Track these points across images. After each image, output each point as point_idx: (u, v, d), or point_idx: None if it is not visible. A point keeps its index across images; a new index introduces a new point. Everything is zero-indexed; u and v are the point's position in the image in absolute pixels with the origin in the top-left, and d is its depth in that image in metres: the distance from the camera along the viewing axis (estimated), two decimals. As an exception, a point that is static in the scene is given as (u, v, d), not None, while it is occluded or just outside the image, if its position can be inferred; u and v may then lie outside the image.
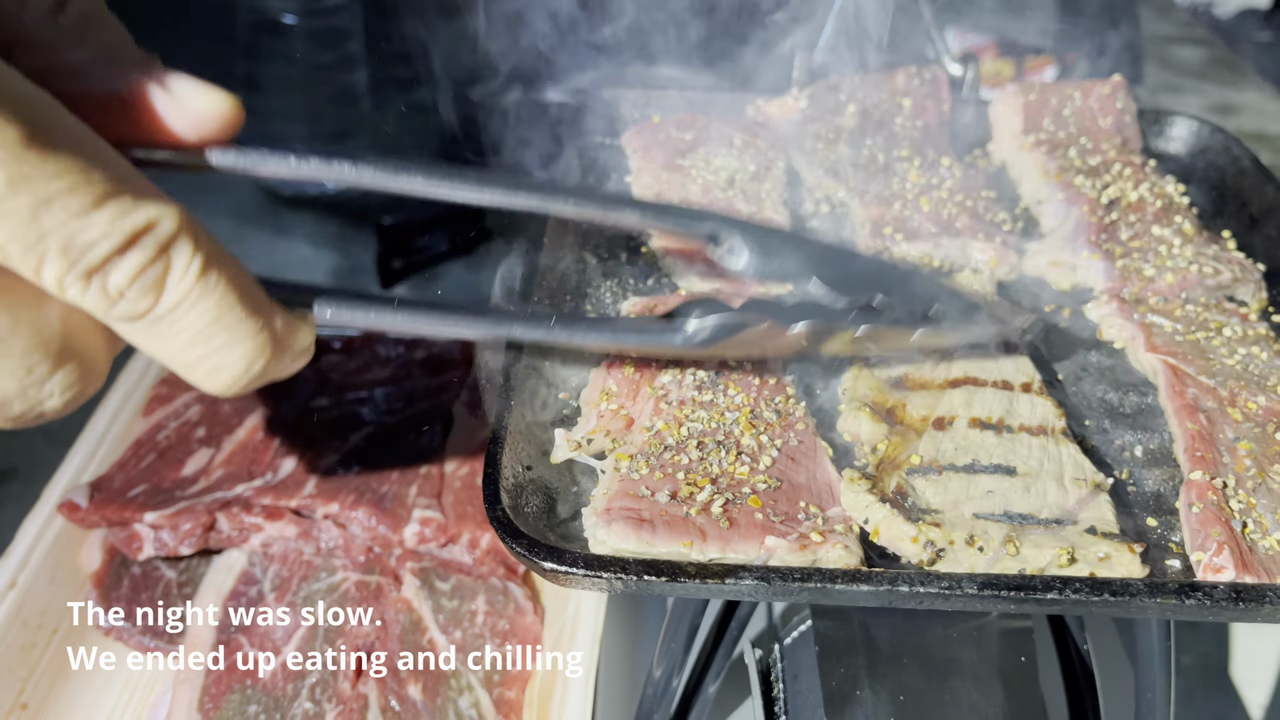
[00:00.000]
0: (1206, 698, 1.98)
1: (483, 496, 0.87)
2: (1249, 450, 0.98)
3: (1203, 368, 1.08)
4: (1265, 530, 0.91)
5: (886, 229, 1.25)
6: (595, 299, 1.19)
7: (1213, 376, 1.07)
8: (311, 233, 2.99)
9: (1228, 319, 1.16)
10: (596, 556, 0.84)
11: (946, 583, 0.82)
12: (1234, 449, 0.99)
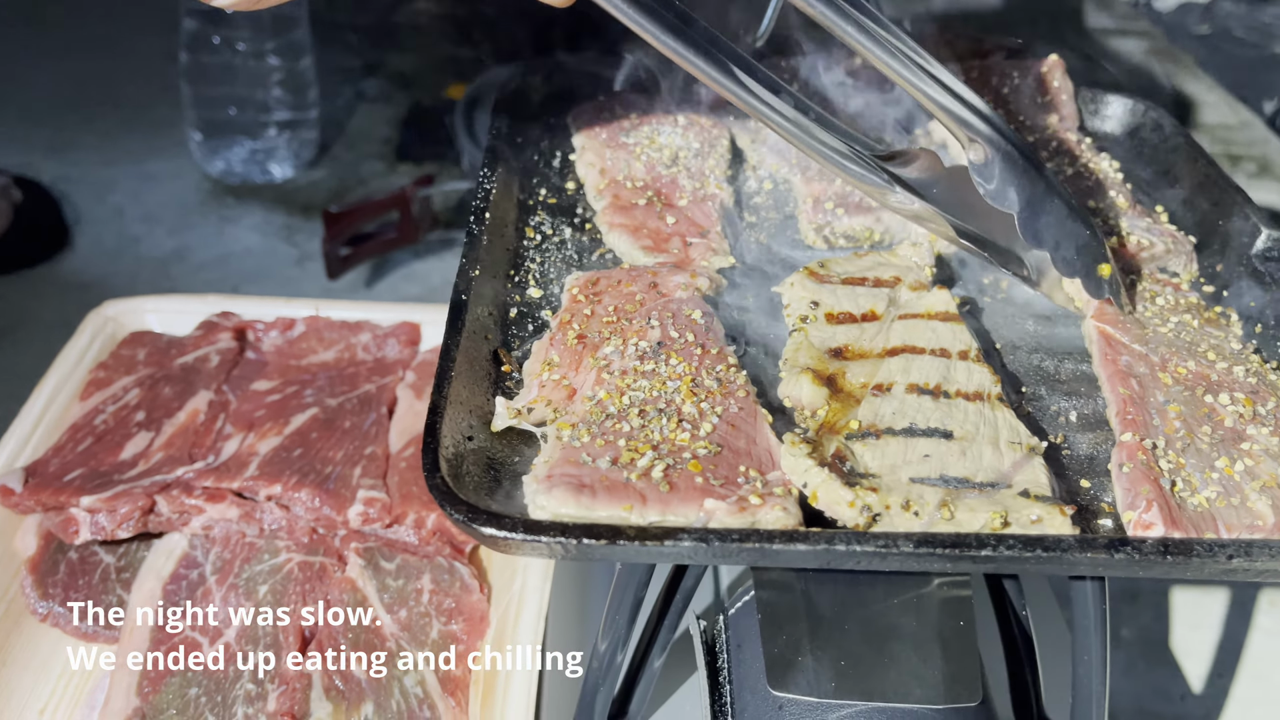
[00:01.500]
0: (1147, 670, 2.02)
1: (422, 465, 0.87)
2: (1178, 413, 1.01)
3: (1137, 335, 1.10)
4: (1194, 488, 0.93)
5: (828, 204, 1.26)
6: (537, 274, 1.19)
7: (1146, 344, 1.09)
8: (259, 222, 2.96)
9: (1161, 289, 1.18)
10: (536, 521, 0.84)
11: (883, 541, 0.83)
12: (1164, 412, 1.01)
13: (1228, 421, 1.00)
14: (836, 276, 1.15)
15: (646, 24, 0.93)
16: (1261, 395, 1.04)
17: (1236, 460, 0.96)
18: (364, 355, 1.61)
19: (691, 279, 1.14)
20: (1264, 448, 0.97)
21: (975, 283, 1.22)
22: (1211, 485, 0.94)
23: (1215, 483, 0.94)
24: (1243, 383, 1.05)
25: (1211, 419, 1.00)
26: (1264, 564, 0.84)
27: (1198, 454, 0.97)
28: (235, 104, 3.03)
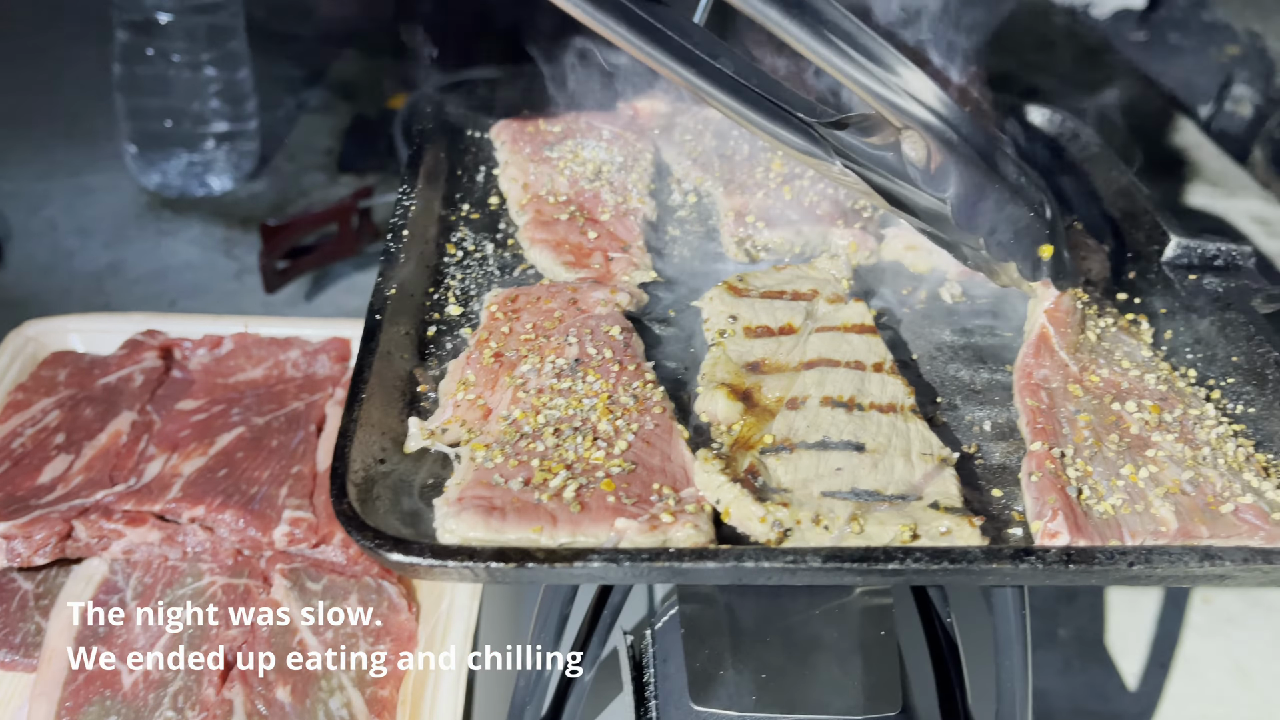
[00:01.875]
0: (1082, 669, 2.05)
1: (329, 491, 0.86)
2: (1088, 421, 1.02)
3: (1071, 341, 1.11)
4: (1100, 496, 0.95)
5: (749, 217, 1.27)
6: (458, 291, 1.18)
7: (1074, 351, 1.10)
8: (197, 235, 2.92)
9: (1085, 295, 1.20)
10: (444, 546, 0.84)
11: (791, 557, 0.84)
12: (1074, 421, 1.02)
13: (1134, 429, 1.02)
14: (755, 290, 1.16)
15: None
16: (1169, 402, 1.06)
17: (1141, 467, 0.97)
18: (293, 372, 1.59)
19: (612, 294, 1.14)
20: (1168, 454, 0.99)
21: (895, 294, 1.23)
22: (1117, 492, 0.95)
23: (1120, 490, 0.95)
24: (1152, 390, 1.07)
25: (1119, 427, 1.02)
26: (1164, 570, 0.86)
27: (1104, 462, 0.98)
28: (171, 116, 2.99)
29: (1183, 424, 1.03)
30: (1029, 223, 1.09)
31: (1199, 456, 0.99)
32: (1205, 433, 1.02)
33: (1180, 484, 0.96)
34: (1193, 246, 1.22)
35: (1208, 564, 0.85)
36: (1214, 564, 0.85)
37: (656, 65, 0.94)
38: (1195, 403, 1.07)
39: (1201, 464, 0.98)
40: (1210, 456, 0.99)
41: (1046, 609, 2.16)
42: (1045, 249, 1.11)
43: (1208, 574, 0.86)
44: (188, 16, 2.86)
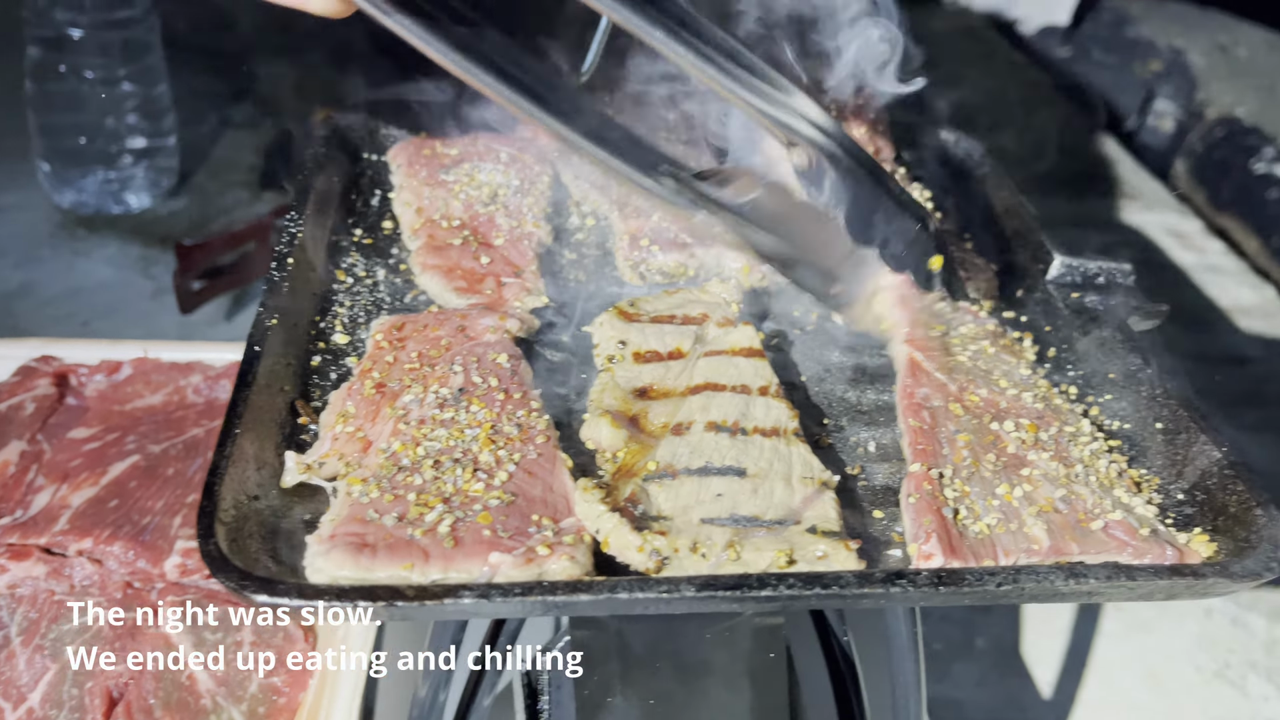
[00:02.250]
0: (999, 680, 2.08)
1: (196, 530, 0.85)
2: (967, 441, 1.04)
3: (942, 363, 1.13)
4: (976, 515, 0.96)
5: (644, 241, 1.27)
6: (346, 319, 1.17)
7: (949, 372, 1.12)
8: (113, 254, 2.87)
9: (962, 316, 1.22)
10: (311, 585, 0.82)
11: (665, 587, 0.84)
12: (954, 441, 1.04)
13: (1010, 448, 1.04)
14: (646, 315, 1.16)
15: (423, 34, 0.89)
16: (1045, 420, 1.08)
17: (1016, 486, 0.99)
18: (194, 398, 1.56)
19: (502, 321, 1.14)
20: (1043, 472, 1.01)
21: (786, 317, 1.24)
22: (992, 512, 0.97)
23: (996, 509, 0.97)
24: (1029, 409, 1.09)
25: (996, 446, 1.04)
26: (1032, 588, 0.87)
27: (981, 481, 1.00)
28: (86, 132, 2.93)
29: (1058, 441, 1.05)
30: (917, 235, 1.13)
31: (1072, 474, 1.01)
32: (1080, 450, 1.04)
33: (1053, 502, 0.98)
34: (1075, 265, 1.25)
35: (1073, 582, 0.87)
36: (1079, 581, 0.87)
37: (527, 118, 0.94)
38: (1072, 419, 1.09)
39: (1074, 481, 1.00)
40: (1083, 474, 1.01)
41: (964, 620, 2.19)
42: (935, 260, 1.15)
43: (1074, 591, 0.88)
44: (101, 32, 2.81)
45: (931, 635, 2.11)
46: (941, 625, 2.15)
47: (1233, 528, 0.96)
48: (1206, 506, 0.99)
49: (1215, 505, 0.99)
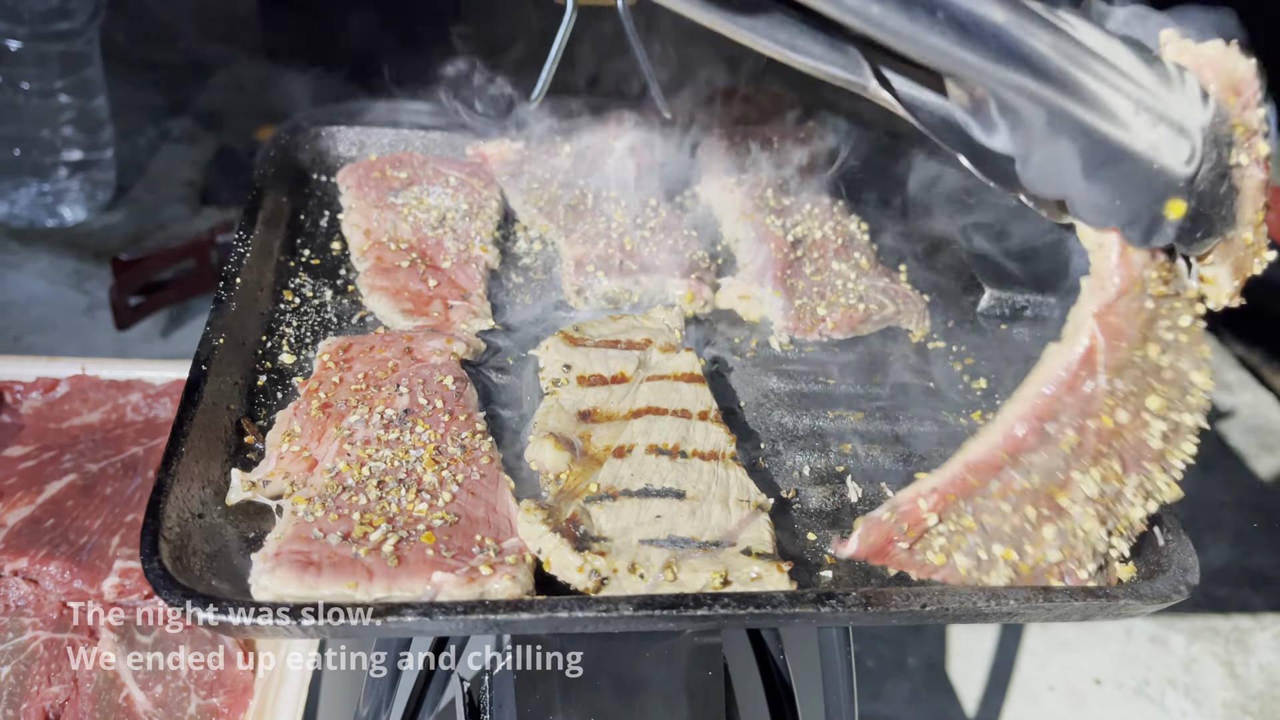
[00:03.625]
0: (929, 697, 2.13)
1: (139, 549, 0.85)
2: (1023, 490, 0.94)
3: (1121, 359, 0.94)
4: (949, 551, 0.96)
5: (589, 266, 1.30)
6: (292, 339, 1.18)
7: (1119, 373, 0.93)
8: (45, 268, 2.82)
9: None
10: (255, 603, 0.83)
11: (604, 606, 0.86)
12: (1009, 484, 0.94)
13: (1064, 501, 0.94)
14: (591, 339, 1.19)
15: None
16: (1131, 466, 0.95)
17: (1020, 549, 0.94)
18: (134, 416, 1.55)
19: (448, 344, 1.16)
20: (1059, 531, 0.95)
21: (727, 342, 1.28)
22: (970, 555, 0.95)
23: (974, 553, 0.95)
24: (1143, 446, 0.94)
25: (1048, 497, 0.94)
26: (955, 608, 0.91)
27: (990, 531, 0.95)
28: (20, 144, 2.89)
29: (1118, 497, 0.95)
30: (1130, 171, 0.84)
31: (1089, 537, 0.95)
32: (1125, 509, 0.96)
33: (1041, 562, 0.94)
34: (1004, 298, 1.30)
35: (994, 603, 0.91)
36: (1000, 603, 0.91)
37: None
38: (1156, 466, 0.95)
39: (1083, 544, 0.94)
40: (1099, 538, 0.95)
41: (897, 638, 2.24)
42: (1173, 205, 0.86)
43: (995, 611, 0.92)
44: (39, 44, 2.78)
45: (865, 653, 2.15)
46: (874, 644, 2.19)
47: (1146, 552, 1.01)
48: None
49: (1129, 529, 1.03)
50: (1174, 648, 2.33)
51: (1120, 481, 0.95)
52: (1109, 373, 0.92)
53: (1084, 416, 0.93)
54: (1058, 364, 0.93)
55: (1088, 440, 0.93)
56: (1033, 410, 0.93)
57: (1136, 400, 0.93)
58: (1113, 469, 0.94)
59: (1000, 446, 0.94)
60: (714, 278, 1.34)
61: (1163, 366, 0.93)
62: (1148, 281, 0.90)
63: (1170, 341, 0.93)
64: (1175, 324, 0.93)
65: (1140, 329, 0.92)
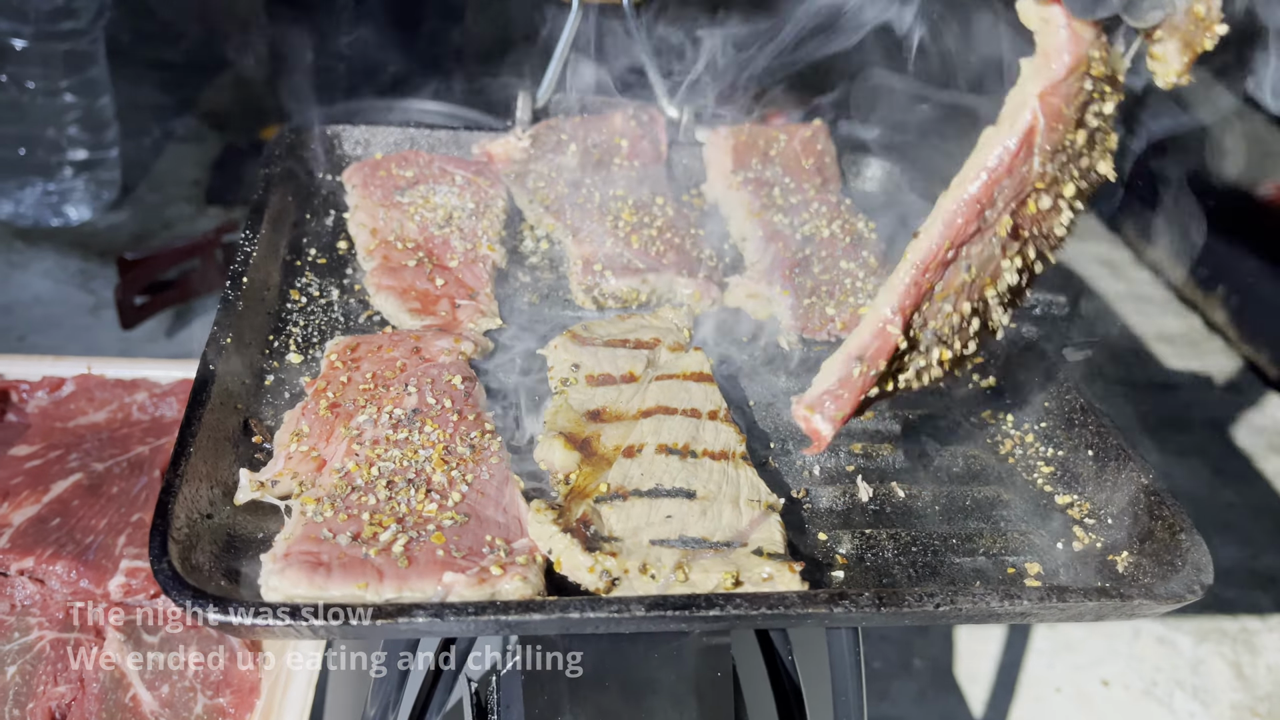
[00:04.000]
0: (936, 697, 2.13)
1: (149, 549, 0.85)
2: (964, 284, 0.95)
3: (1058, 140, 0.94)
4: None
5: (597, 265, 1.30)
6: (300, 338, 1.17)
7: (1051, 157, 0.93)
8: (50, 267, 2.82)
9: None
10: (265, 603, 0.83)
11: (616, 607, 0.86)
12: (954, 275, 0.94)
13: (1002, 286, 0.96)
14: (599, 339, 1.18)
15: None
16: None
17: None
18: (139, 415, 1.55)
19: (456, 343, 1.15)
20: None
21: (735, 341, 1.27)
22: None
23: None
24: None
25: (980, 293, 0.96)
26: (969, 608, 0.90)
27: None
28: (26, 143, 2.89)
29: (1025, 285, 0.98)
30: None
31: (996, 324, 0.97)
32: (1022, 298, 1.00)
33: (960, 352, 0.97)
34: (1013, 298, 1.29)
35: (1008, 603, 0.90)
36: (1013, 602, 0.90)
37: None
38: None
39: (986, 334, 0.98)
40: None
41: (903, 639, 2.23)
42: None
43: (1009, 611, 0.91)
44: (44, 43, 2.78)
45: (871, 654, 2.15)
46: (881, 644, 2.19)
47: (1158, 551, 1.00)
48: (1134, 530, 1.04)
49: (1142, 529, 1.03)
50: (1182, 649, 2.32)
51: (1031, 267, 0.95)
52: (1042, 156, 0.91)
53: (1017, 200, 0.92)
54: (998, 147, 0.90)
55: (1021, 226, 0.93)
56: (974, 196, 0.91)
57: (1058, 187, 0.93)
58: (1029, 256, 0.95)
59: (944, 236, 0.92)
60: (722, 276, 1.33)
61: (1083, 154, 0.93)
62: (1091, 61, 0.89)
63: (1095, 129, 0.93)
64: (1101, 110, 0.93)
65: (1076, 111, 0.91)
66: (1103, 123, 0.94)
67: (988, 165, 0.90)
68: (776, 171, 1.50)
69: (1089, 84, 0.90)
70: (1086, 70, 0.89)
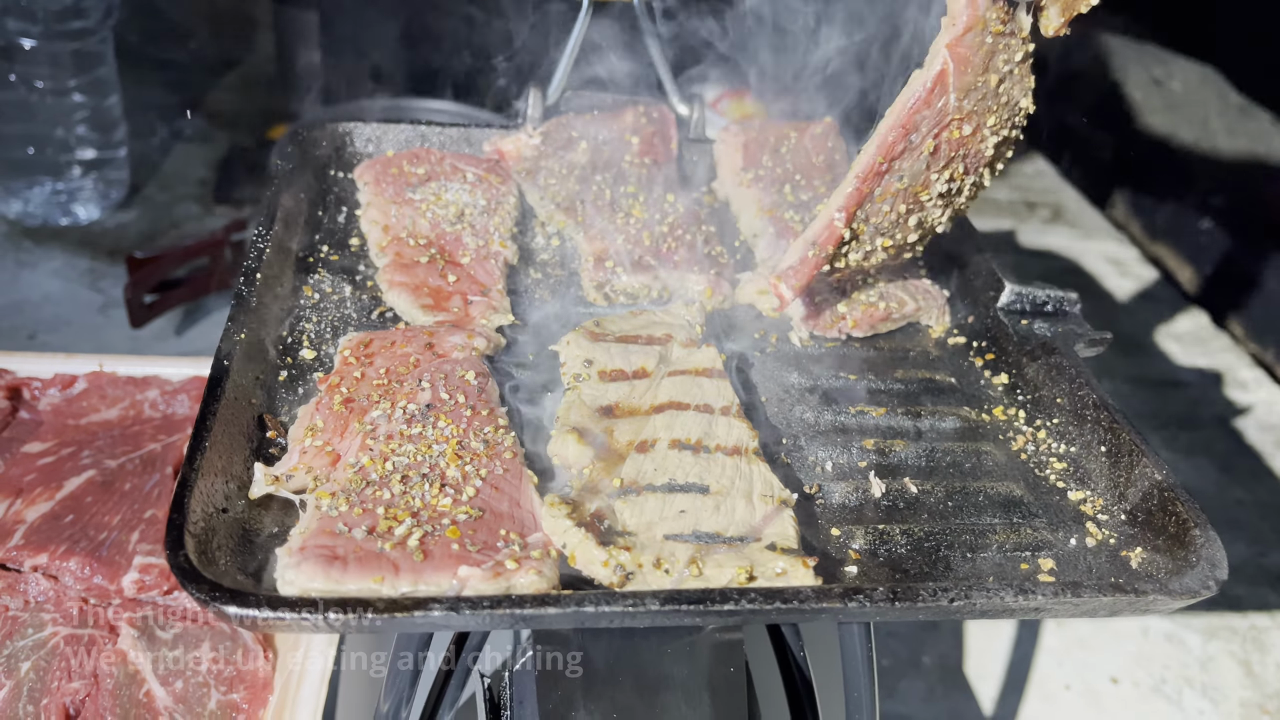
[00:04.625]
0: (944, 694, 2.13)
1: (165, 542, 0.85)
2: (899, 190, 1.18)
3: (968, 83, 1.14)
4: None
5: (609, 262, 1.30)
6: (313, 334, 1.18)
7: (965, 94, 1.14)
8: (59, 266, 2.83)
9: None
10: (281, 597, 0.83)
11: (631, 601, 0.86)
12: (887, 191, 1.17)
13: (929, 195, 1.20)
14: (611, 334, 1.19)
15: None
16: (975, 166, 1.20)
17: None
18: (151, 413, 1.55)
19: (469, 339, 1.15)
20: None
21: (748, 337, 1.27)
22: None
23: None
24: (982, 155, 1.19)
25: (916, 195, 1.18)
26: (983, 603, 0.90)
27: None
28: (34, 143, 2.89)
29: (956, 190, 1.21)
30: None
31: (935, 221, 1.24)
32: (960, 200, 1.23)
33: (904, 241, 1.24)
34: (1025, 293, 1.30)
35: (1022, 598, 0.90)
36: (1028, 598, 0.90)
37: None
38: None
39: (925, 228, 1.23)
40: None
41: (912, 637, 2.23)
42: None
43: (1023, 607, 0.91)
44: (53, 42, 2.79)
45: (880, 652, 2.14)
46: (889, 642, 2.19)
47: (1172, 547, 1.00)
48: (1147, 527, 1.04)
49: (1155, 525, 1.03)
50: (1191, 646, 2.32)
51: (961, 180, 1.19)
52: (958, 93, 1.12)
53: (938, 128, 1.13)
54: (918, 83, 1.12)
55: (941, 148, 1.15)
56: (900, 121, 1.12)
57: (979, 118, 1.15)
58: (958, 171, 1.18)
59: (878, 153, 1.13)
60: (733, 273, 1.33)
61: (1000, 93, 1.14)
62: (989, 21, 1.09)
63: (1007, 73, 1.14)
64: (1011, 59, 1.13)
65: (983, 60, 1.11)
66: (1015, 68, 1.14)
67: (909, 98, 1.12)
68: (787, 168, 1.50)
69: (990, 39, 1.10)
70: (985, 28, 1.09)
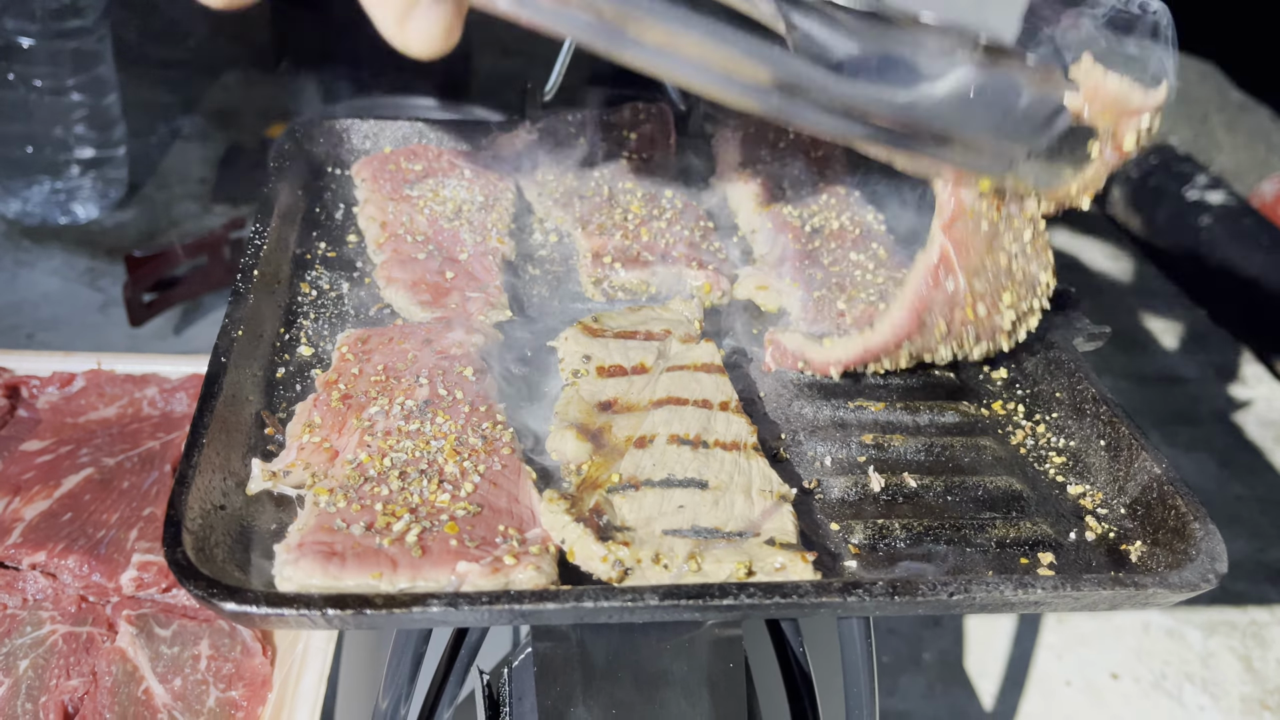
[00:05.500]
0: (945, 691, 2.12)
1: (163, 539, 0.85)
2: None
3: (971, 264, 1.12)
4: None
5: (606, 258, 1.30)
6: (310, 331, 1.18)
7: (975, 275, 1.12)
8: (58, 265, 2.83)
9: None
10: (279, 594, 0.83)
11: (630, 596, 0.86)
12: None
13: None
14: (610, 330, 1.19)
15: None
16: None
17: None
18: (149, 410, 1.55)
19: (467, 335, 1.15)
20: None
21: (746, 333, 1.27)
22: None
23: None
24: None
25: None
26: (983, 597, 0.90)
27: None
28: (33, 142, 2.89)
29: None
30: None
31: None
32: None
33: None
34: (1023, 288, 1.29)
35: (1021, 592, 0.90)
36: (1027, 591, 0.90)
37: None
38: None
39: None
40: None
41: (912, 633, 2.23)
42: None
43: (1023, 600, 0.91)
44: (51, 41, 2.79)
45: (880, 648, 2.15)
46: (889, 638, 2.19)
47: (1172, 541, 1.00)
48: (1147, 520, 1.04)
49: (1155, 519, 1.03)
50: (1191, 642, 2.32)
51: (971, 347, 1.17)
52: (965, 274, 1.10)
53: (951, 308, 1.11)
54: (923, 267, 1.11)
55: (954, 327, 1.13)
56: (912, 304, 1.11)
57: (993, 296, 1.13)
58: (969, 340, 1.16)
59: (891, 337, 1.13)
60: (732, 269, 1.33)
61: (1013, 271, 1.12)
62: (979, 213, 1.08)
63: (1017, 251, 1.11)
64: (1019, 238, 1.11)
65: (984, 242, 1.09)
66: (1026, 247, 1.12)
67: (919, 280, 1.11)
68: (785, 164, 1.49)
69: (985, 225, 1.09)
70: (976, 216, 1.09)
